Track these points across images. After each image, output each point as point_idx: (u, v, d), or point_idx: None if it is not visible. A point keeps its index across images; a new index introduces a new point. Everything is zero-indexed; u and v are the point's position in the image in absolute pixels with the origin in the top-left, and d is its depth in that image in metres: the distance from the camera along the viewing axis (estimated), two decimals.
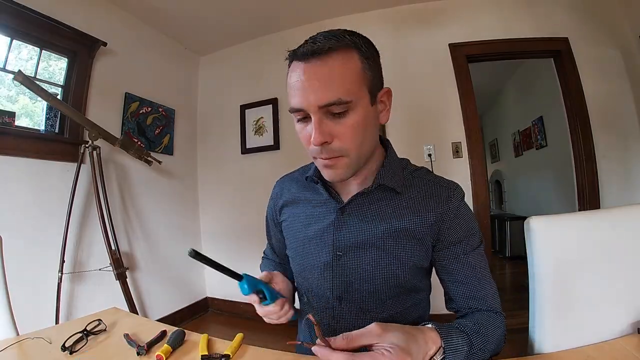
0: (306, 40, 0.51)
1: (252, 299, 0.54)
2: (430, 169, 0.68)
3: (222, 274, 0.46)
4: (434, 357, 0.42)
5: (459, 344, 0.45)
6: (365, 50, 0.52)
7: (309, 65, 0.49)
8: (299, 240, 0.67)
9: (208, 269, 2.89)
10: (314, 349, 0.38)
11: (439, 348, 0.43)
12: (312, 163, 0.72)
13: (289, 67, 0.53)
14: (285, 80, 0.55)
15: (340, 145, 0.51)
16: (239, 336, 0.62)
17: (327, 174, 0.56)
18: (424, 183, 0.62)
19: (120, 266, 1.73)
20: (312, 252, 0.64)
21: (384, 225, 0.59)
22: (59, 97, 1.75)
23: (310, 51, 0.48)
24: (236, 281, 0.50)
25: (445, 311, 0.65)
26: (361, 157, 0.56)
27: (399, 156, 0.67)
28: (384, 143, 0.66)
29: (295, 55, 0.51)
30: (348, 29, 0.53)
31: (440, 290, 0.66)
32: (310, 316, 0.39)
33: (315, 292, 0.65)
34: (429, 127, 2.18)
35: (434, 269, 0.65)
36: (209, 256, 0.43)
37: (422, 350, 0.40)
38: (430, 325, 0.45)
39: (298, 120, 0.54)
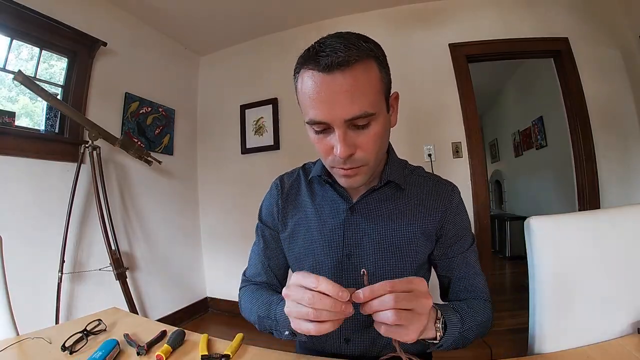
0: (319, 47, 0.47)
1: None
2: (431, 169, 0.70)
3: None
4: (436, 324, 0.47)
5: (455, 320, 0.50)
6: (382, 58, 0.51)
7: (332, 78, 0.46)
8: (308, 241, 0.66)
9: (208, 269, 2.87)
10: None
11: (437, 319, 0.47)
12: (314, 162, 0.72)
13: (299, 72, 0.51)
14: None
15: (362, 156, 0.51)
16: (239, 336, 0.62)
17: (345, 182, 0.57)
18: (425, 181, 0.66)
19: (120, 266, 1.73)
20: (322, 253, 0.64)
21: (393, 223, 0.62)
22: (59, 97, 1.75)
23: (336, 63, 0.45)
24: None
25: None
26: (378, 163, 0.57)
27: (399, 156, 0.70)
28: None
29: (314, 65, 0.47)
30: (358, 34, 0.51)
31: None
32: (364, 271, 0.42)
33: None
34: (429, 127, 2.18)
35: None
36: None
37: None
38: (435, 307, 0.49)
39: (317, 132, 0.52)
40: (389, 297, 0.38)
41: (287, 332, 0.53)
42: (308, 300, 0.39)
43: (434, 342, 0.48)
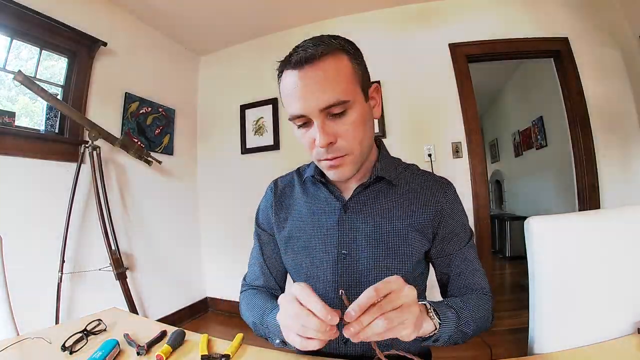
0: (294, 49, 0.53)
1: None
2: (431, 169, 0.70)
3: None
4: (429, 314, 0.47)
5: (449, 314, 0.50)
6: (353, 52, 0.55)
7: (304, 72, 0.50)
8: (304, 243, 0.66)
9: (208, 269, 2.86)
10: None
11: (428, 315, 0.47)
12: (308, 165, 0.72)
13: (280, 76, 0.55)
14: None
15: (344, 144, 0.54)
16: (239, 336, 0.62)
17: (333, 174, 0.58)
18: (419, 178, 0.66)
19: (120, 266, 1.73)
20: (318, 253, 0.64)
21: (386, 220, 0.61)
22: (59, 97, 1.75)
23: (304, 59, 0.50)
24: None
25: None
26: (363, 152, 0.58)
27: (398, 156, 0.71)
28: (377, 141, 0.69)
29: (288, 65, 0.52)
30: (331, 34, 0.55)
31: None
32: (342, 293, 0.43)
33: (318, 291, 0.64)
34: (429, 127, 2.18)
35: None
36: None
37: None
38: (425, 302, 0.49)
39: (299, 127, 0.55)
40: (376, 308, 0.38)
41: (277, 341, 0.54)
42: (295, 315, 0.40)
43: (429, 336, 0.48)
